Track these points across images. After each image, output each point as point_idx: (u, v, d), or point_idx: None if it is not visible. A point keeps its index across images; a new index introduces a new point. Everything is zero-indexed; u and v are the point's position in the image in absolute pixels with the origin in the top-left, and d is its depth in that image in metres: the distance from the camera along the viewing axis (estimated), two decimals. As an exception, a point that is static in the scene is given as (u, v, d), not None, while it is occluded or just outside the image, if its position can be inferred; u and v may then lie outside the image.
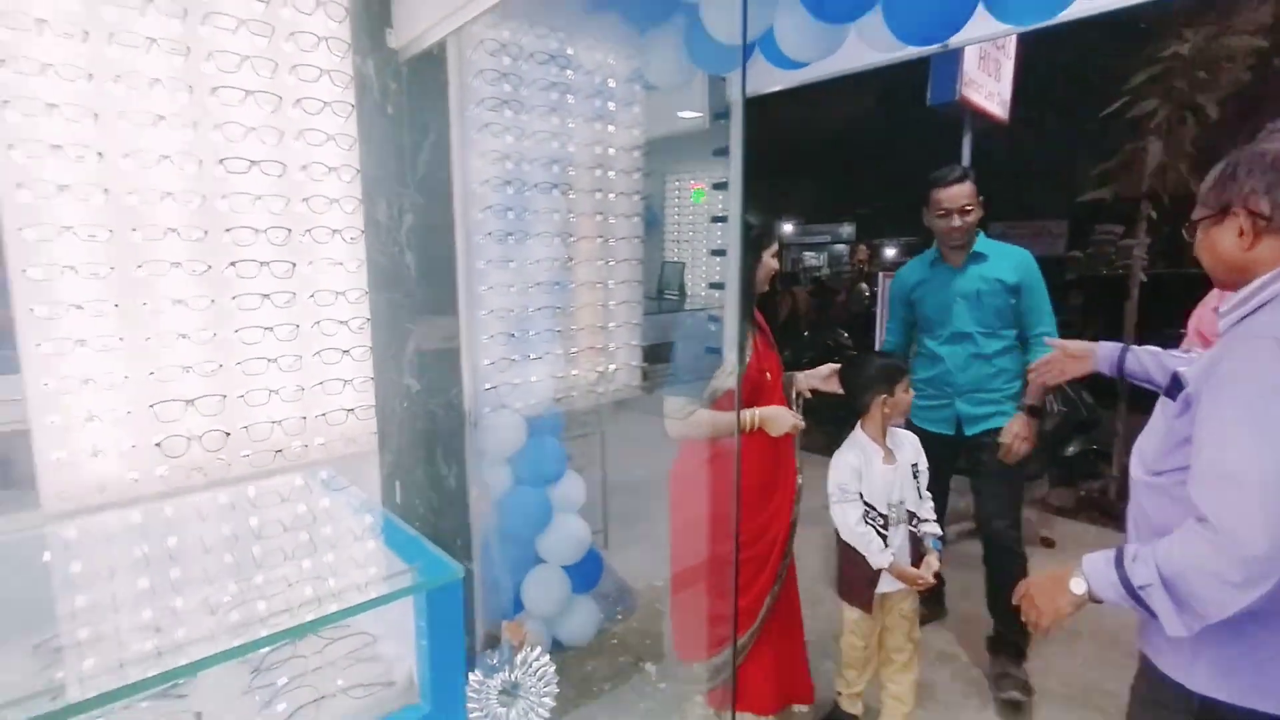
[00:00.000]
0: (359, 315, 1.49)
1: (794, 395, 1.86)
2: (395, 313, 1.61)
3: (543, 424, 2.01)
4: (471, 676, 1.55)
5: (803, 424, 1.73)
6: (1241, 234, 1.01)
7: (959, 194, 2.11)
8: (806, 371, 1.87)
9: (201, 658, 0.69)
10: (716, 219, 2.23)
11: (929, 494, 1.80)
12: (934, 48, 1.82)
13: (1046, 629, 1.09)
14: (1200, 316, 1.82)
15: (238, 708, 0.92)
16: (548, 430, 2.05)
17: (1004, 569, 2.09)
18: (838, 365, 1.82)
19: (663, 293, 3.62)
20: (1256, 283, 0.99)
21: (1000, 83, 3.86)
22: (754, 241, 1.65)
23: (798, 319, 6.43)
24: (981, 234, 2.21)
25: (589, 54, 1.85)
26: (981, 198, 2.15)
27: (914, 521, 1.74)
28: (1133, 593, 0.97)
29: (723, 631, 1.79)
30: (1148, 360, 1.35)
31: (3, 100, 1.04)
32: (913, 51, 1.74)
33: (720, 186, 1.53)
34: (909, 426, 2.18)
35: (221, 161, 1.24)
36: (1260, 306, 1.00)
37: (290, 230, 1.33)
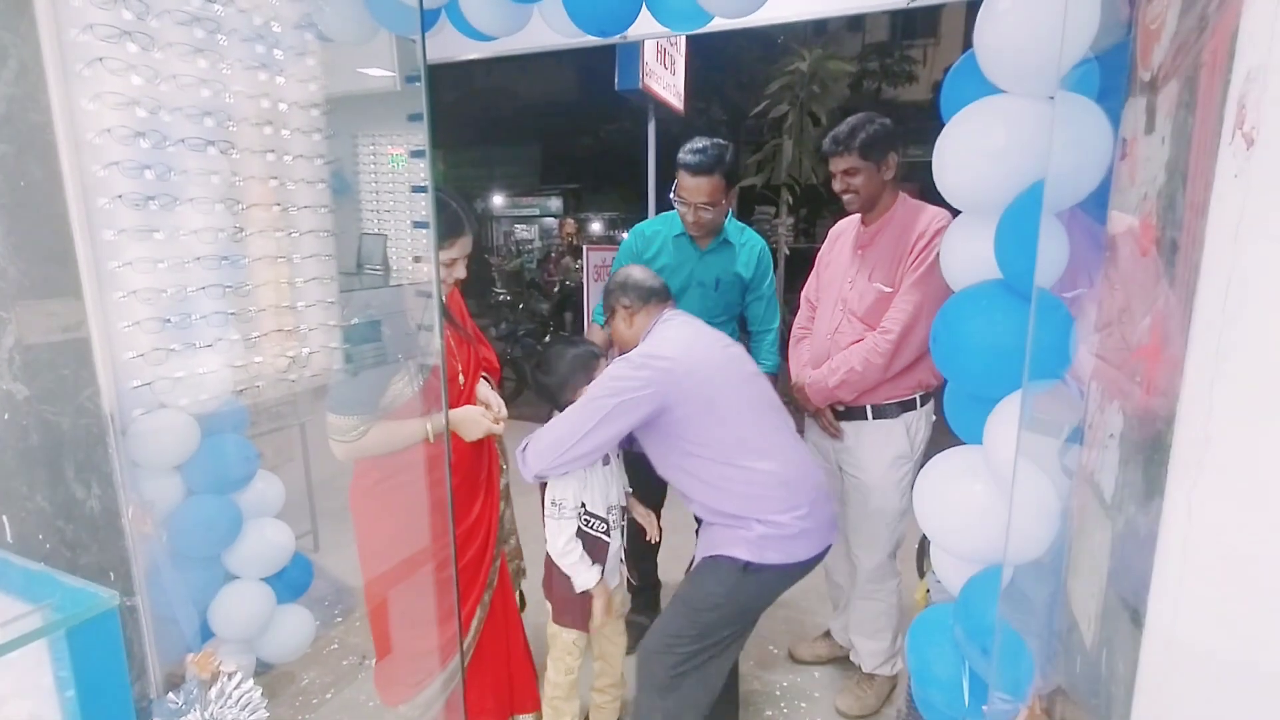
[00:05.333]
0: (-91, 302, 1.10)
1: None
2: (-25, 298, 1.22)
3: (221, 421, 1.73)
4: (148, 728, 1.31)
5: (500, 429, 1.64)
6: (624, 320, 1.73)
7: (700, 188, 1.93)
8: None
9: None
10: (417, 189, 2.13)
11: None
12: (614, 38, 1.97)
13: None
14: (810, 285, 2.32)
15: None
16: (228, 428, 1.77)
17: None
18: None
19: (363, 267, 3.35)
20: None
21: (675, 76, 4.35)
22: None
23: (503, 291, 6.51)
24: (731, 215, 2.10)
25: (243, -11, 1.59)
26: (730, 189, 2.02)
27: (625, 517, 1.77)
28: None
29: (430, 664, 1.70)
30: None
31: None
32: (593, 39, 1.86)
33: (418, 154, 1.47)
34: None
35: None
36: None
37: None
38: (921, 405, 2.02)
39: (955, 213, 1.15)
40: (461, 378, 1.65)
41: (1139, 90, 0.68)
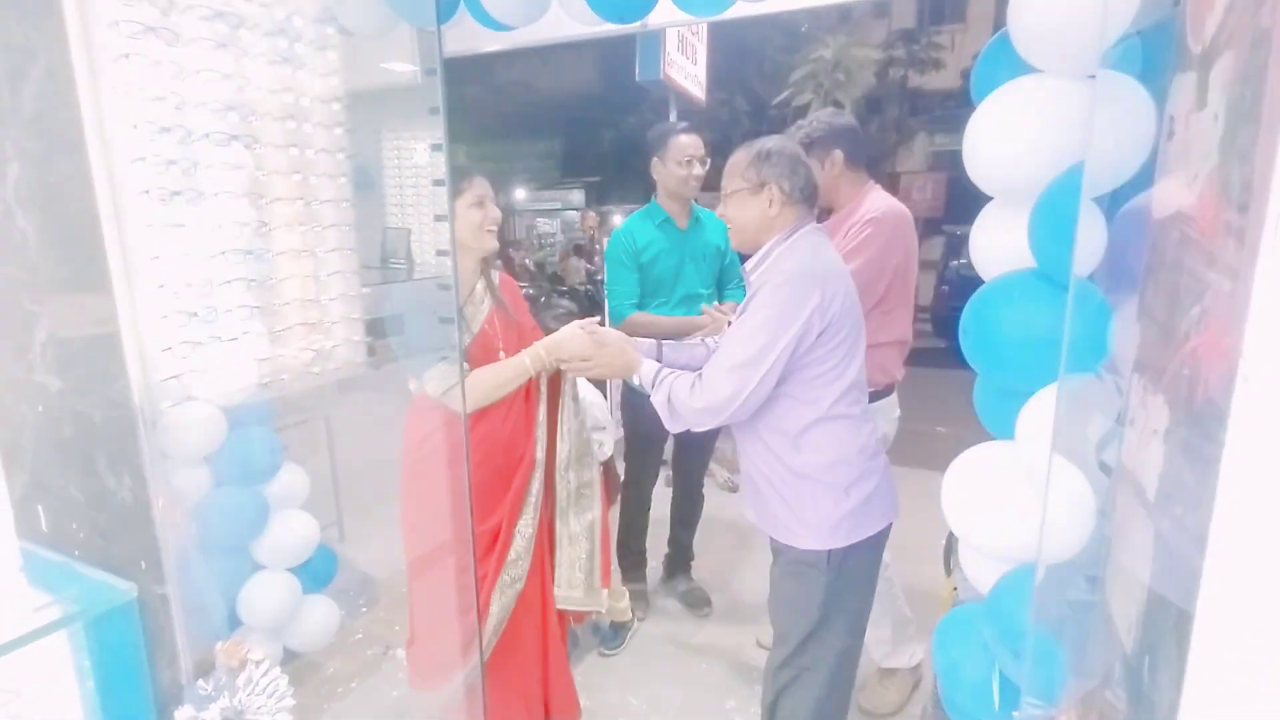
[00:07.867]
0: (-56, 297, 1.13)
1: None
2: (9, 293, 1.25)
3: (247, 414, 1.75)
4: (179, 713, 1.33)
5: (601, 341, 1.58)
6: (771, 204, 1.40)
7: (695, 143, 2.20)
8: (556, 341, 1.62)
9: None
10: (438, 182, 2.12)
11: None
12: (634, 26, 1.94)
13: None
14: None
15: None
16: (254, 420, 1.79)
17: (692, 509, 2.60)
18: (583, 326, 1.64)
19: (387, 261, 3.38)
20: (772, 241, 1.44)
21: (697, 66, 4.29)
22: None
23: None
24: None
25: (264, -17, 1.60)
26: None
27: None
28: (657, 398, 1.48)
29: (457, 654, 1.66)
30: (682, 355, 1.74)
31: None
32: (614, 27, 1.83)
33: (437, 149, 1.47)
34: (636, 396, 2.24)
35: None
36: (770, 259, 1.44)
37: None
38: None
39: (973, 200, 1.11)
40: (502, 354, 1.64)
41: (1189, 65, 0.64)
